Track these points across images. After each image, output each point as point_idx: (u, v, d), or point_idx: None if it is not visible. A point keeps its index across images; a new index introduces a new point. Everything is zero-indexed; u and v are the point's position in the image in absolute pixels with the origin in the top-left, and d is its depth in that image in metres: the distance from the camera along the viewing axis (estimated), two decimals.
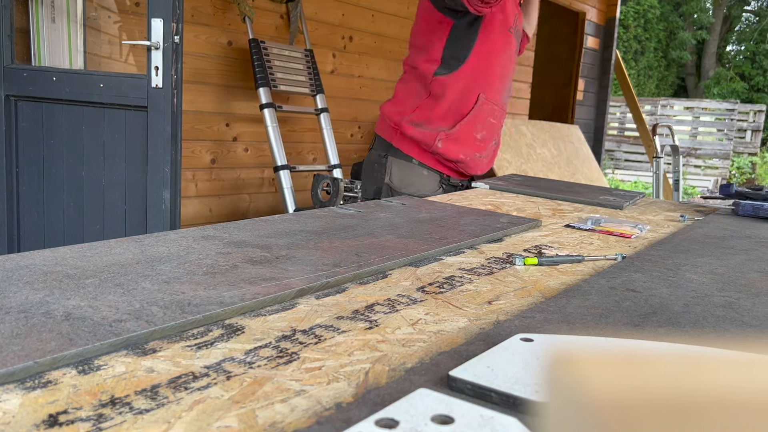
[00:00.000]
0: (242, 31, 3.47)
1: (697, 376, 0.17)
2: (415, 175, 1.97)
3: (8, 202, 2.66)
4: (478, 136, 1.95)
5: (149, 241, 0.93)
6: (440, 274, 0.91)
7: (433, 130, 1.92)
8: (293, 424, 0.46)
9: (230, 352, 0.59)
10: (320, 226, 1.12)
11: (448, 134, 1.91)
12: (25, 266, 0.77)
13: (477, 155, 1.98)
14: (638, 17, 18.88)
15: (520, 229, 1.26)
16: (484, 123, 1.94)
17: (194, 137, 3.34)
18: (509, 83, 1.99)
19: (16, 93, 2.59)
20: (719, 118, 12.27)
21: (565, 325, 0.70)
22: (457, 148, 1.94)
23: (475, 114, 1.92)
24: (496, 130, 1.99)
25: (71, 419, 0.45)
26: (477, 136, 1.95)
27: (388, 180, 1.99)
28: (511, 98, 2.07)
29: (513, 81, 2.06)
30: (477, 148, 1.97)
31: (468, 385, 0.51)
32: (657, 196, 5.25)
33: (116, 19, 3.03)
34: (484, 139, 1.97)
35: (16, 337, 0.56)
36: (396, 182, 1.98)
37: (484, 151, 1.99)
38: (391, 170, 1.99)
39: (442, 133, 1.92)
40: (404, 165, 1.97)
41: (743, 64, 20.76)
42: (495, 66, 1.90)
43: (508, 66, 1.94)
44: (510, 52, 1.94)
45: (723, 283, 0.91)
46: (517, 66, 5.31)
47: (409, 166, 1.97)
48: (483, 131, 1.95)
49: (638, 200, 1.80)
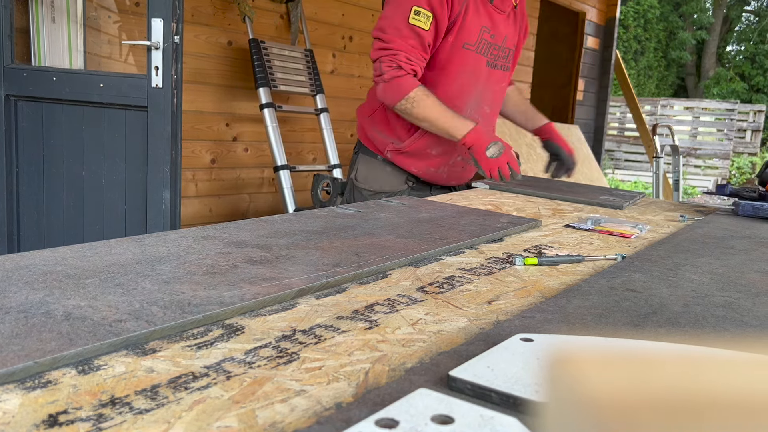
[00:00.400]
0: (242, 31, 3.47)
1: (697, 376, 0.17)
2: (378, 171, 1.94)
3: (8, 202, 2.66)
4: (433, 152, 1.89)
5: (149, 241, 0.93)
6: (440, 274, 0.91)
7: (385, 138, 1.91)
8: (293, 424, 0.46)
9: (230, 352, 0.59)
10: (320, 226, 1.12)
11: (398, 147, 1.88)
12: (25, 266, 0.77)
13: (432, 170, 1.92)
14: (638, 17, 18.89)
15: (520, 229, 1.26)
16: (440, 140, 1.85)
17: (194, 137, 3.34)
18: (475, 99, 1.88)
19: (16, 93, 2.59)
20: (719, 118, 12.27)
21: (565, 325, 0.70)
22: (408, 161, 1.91)
23: (424, 131, 1.84)
24: (458, 146, 1.87)
25: (71, 419, 0.45)
26: (432, 152, 1.89)
27: (353, 176, 1.98)
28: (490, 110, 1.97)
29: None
30: (432, 163, 1.90)
31: (468, 385, 0.51)
32: (657, 196, 5.25)
33: (116, 19, 3.03)
34: (441, 155, 1.90)
35: (16, 337, 0.56)
36: (360, 178, 1.96)
37: (442, 167, 1.92)
38: (358, 167, 1.97)
39: (390, 145, 1.89)
40: (369, 161, 1.95)
41: (743, 64, 20.76)
42: (450, 84, 1.81)
43: (470, 83, 1.84)
44: (472, 68, 1.83)
45: (723, 283, 0.91)
46: (518, 67, 5.27)
47: (373, 162, 1.95)
48: (439, 147, 1.88)
49: (638, 200, 1.80)
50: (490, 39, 1.86)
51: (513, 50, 1.97)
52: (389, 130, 1.90)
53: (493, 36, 1.86)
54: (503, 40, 1.90)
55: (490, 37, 1.85)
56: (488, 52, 1.87)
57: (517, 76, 6.09)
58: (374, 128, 1.93)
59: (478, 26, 1.81)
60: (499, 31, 1.87)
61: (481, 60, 1.85)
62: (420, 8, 1.70)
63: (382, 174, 1.95)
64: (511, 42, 1.94)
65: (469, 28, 1.79)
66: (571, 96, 7.37)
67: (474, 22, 1.80)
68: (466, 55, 1.81)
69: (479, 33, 1.82)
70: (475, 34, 1.81)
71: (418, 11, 1.70)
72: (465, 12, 1.77)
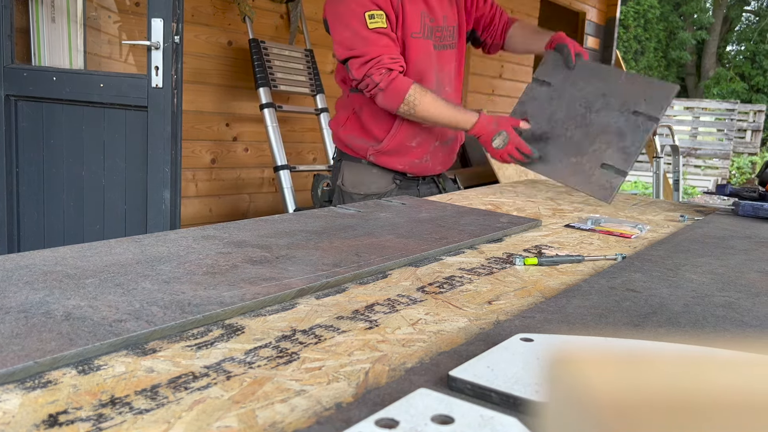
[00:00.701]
0: (242, 31, 3.47)
1: (697, 376, 0.17)
2: (365, 174, 1.95)
3: (8, 202, 2.66)
4: (413, 144, 1.91)
5: (149, 241, 0.93)
6: (440, 274, 0.91)
7: (364, 143, 1.92)
8: (293, 424, 0.46)
9: (230, 352, 0.59)
10: (320, 226, 1.12)
11: (378, 149, 1.90)
12: (25, 266, 0.77)
13: (417, 161, 1.94)
14: (638, 17, 18.89)
15: (520, 229, 1.26)
16: (415, 130, 1.88)
17: (194, 137, 3.34)
18: (436, 84, 1.90)
19: (16, 93, 2.59)
20: (719, 118, 12.27)
21: (565, 325, 0.70)
22: (391, 160, 1.92)
23: (399, 125, 1.87)
24: (434, 131, 1.92)
25: (71, 419, 0.45)
26: (412, 144, 1.91)
27: (339, 182, 1.99)
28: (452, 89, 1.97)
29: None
30: (415, 155, 1.92)
31: (468, 385, 0.51)
32: (657, 196, 5.25)
33: (116, 19, 3.03)
34: (421, 144, 1.92)
35: (16, 337, 0.56)
36: (347, 184, 1.97)
37: (424, 155, 1.94)
38: (343, 173, 1.98)
39: (371, 149, 1.91)
40: (354, 166, 1.96)
41: (743, 64, 20.76)
42: (411, 75, 1.83)
43: (426, 70, 1.87)
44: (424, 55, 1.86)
45: (723, 283, 0.91)
46: (514, 65, 5.26)
47: (358, 166, 1.96)
48: (417, 138, 1.90)
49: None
50: (431, 23, 1.89)
51: (456, 26, 1.98)
52: (365, 134, 1.92)
53: (432, 19, 1.89)
54: (443, 20, 1.92)
55: (430, 20, 1.88)
56: (432, 35, 1.90)
57: (517, 76, 6.09)
58: (350, 136, 1.94)
59: (418, 12, 1.85)
60: (436, 13, 1.90)
61: (428, 44, 1.89)
62: (371, 11, 1.73)
63: (369, 176, 1.95)
64: (451, 20, 1.96)
65: (410, 17, 1.83)
66: None
67: (413, 10, 1.83)
68: (415, 43, 1.85)
69: (420, 19, 1.86)
70: (417, 22, 1.85)
71: (371, 15, 1.73)
72: (402, 3, 1.80)
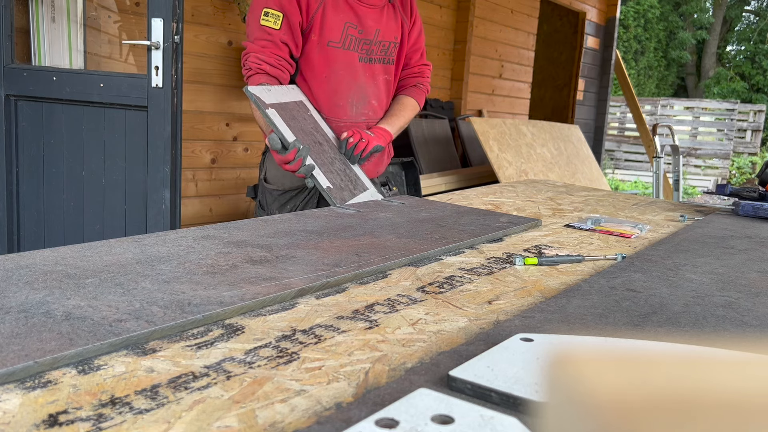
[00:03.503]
0: (242, 31, 3.47)
1: (697, 376, 0.17)
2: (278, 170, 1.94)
3: (8, 202, 2.66)
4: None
5: (149, 241, 0.93)
6: (440, 274, 0.91)
7: None
8: (293, 424, 0.46)
9: (230, 352, 0.59)
10: (320, 226, 1.12)
11: None
12: (25, 266, 0.77)
13: None
14: (638, 17, 18.88)
15: (520, 229, 1.26)
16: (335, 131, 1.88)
17: (194, 137, 3.34)
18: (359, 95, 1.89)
19: (16, 93, 2.59)
20: (719, 118, 12.27)
21: (565, 325, 0.70)
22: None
23: None
24: None
25: (71, 419, 0.45)
26: None
27: (262, 176, 1.97)
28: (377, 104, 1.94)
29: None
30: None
31: (468, 385, 0.51)
32: (657, 196, 5.25)
33: (116, 19, 3.03)
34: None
35: (16, 336, 0.56)
36: (270, 178, 1.94)
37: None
38: (267, 167, 1.96)
39: None
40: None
41: (743, 64, 20.76)
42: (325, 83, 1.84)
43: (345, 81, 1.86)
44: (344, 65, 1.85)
45: (723, 283, 0.91)
46: (514, 64, 5.26)
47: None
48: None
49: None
50: (358, 34, 1.86)
51: (395, 43, 1.95)
52: None
53: (361, 31, 1.87)
54: (374, 33, 1.89)
55: (358, 32, 1.86)
56: (358, 47, 1.88)
57: (517, 76, 6.09)
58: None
59: (341, 23, 1.83)
60: (368, 25, 1.87)
61: (352, 56, 1.87)
62: (269, 9, 1.77)
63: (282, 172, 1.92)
64: (388, 35, 1.92)
65: (330, 25, 1.82)
66: (571, 96, 7.37)
67: (335, 19, 1.82)
68: (332, 52, 1.84)
69: (343, 29, 1.84)
70: (338, 31, 1.83)
71: (267, 12, 1.77)
72: (323, 10, 1.80)
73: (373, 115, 1.95)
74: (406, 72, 2.06)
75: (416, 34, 2.03)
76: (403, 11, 1.98)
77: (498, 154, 4.60)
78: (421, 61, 2.07)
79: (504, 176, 4.47)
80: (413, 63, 2.05)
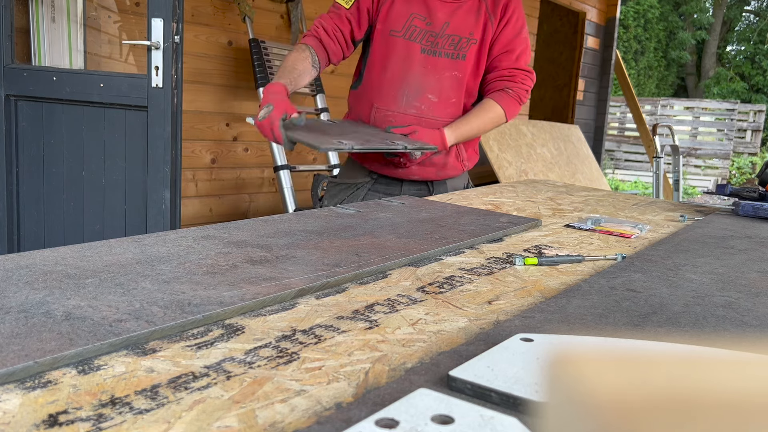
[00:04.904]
0: (242, 31, 3.47)
1: (697, 376, 0.17)
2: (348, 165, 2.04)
3: (8, 202, 2.66)
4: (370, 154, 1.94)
5: (149, 241, 0.93)
6: (440, 274, 0.91)
7: None
8: (293, 424, 0.46)
9: (230, 352, 0.59)
10: (320, 226, 1.12)
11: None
12: (25, 266, 0.77)
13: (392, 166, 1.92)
14: (638, 17, 18.88)
15: (520, 229, 1.26)
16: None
17: (194, 137, 3.34)
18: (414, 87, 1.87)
19: (16, 93, 2.59)
20: (719, 118, 12.27)
21: (565, 325, 0.70)
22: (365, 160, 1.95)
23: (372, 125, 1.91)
24: None
25: (71, 419, 0.45)
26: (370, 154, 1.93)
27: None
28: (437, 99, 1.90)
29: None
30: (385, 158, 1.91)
31: (468, 385, 0.51)
32: (657, 196, 5.25)
33: (116, 19, 3.03)
34: (379, 154, 1.90)
35: (16, 336, 0.56)
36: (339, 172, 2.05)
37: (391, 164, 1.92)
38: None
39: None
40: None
41: (743, 64, 20.76)
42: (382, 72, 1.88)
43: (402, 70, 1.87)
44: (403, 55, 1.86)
45: (723, 283, 0.91)
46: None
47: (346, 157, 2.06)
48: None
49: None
50: (425, 26, 1.87)
51: (469, 39, 1.90)
52: None
53: (429, 23, 1.87)
54: (442, 26, 1.87)
55: (426, 24, 1.87)
56: (422, 38, 1.87)
57: None
58: None
59: (407, 13, 1.86)
60: (437, 17, 1.87)
61: (413, 46, 1.87)
62: None
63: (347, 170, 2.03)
64: (461, 30, 1.89)
65: (395, 15, 1.86)
66: (571, 96, 7.38)
67: (402, 9, 1.86)
68: (392, 41, 1.87)
69: (407, 20, 1.86)
70: (401, 21, 1.86)
71: None
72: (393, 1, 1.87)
73: (427, 110, 1.89)
74: (494, 75, 1.94)
75: (510, 36, 1.93)
76: (492, 11, 1.92)
77: (498, 154, 4.60)
78: (515, 64, 1.94)
79: (504, 176, 4.47)
80: (504, 66, 1.93)
